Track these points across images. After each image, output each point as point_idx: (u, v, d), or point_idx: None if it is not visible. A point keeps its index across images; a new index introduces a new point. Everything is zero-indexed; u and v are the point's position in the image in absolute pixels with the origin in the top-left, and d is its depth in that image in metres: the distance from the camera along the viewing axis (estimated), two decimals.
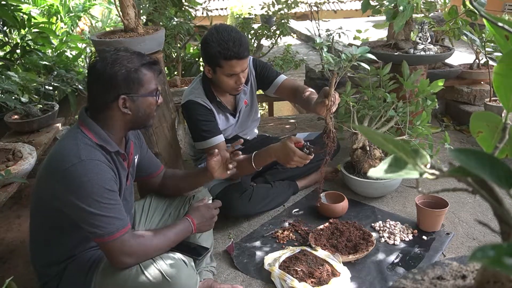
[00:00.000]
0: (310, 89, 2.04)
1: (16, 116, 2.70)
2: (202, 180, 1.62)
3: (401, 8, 2.06)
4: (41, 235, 1.37)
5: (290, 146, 1.69)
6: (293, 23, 4.67)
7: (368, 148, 2.11)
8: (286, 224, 2.03)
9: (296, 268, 1.62)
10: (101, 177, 1.22)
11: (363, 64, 1.63)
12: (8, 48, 3.45)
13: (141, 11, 3.15)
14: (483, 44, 2.78)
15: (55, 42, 3.85)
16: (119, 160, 1.36)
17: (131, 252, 1.24)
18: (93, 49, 3.89)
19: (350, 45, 1.75)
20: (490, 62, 2.92)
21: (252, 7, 5.40)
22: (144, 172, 1.62)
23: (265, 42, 3.74)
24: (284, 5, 3.59)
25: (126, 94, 1.29)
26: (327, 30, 2.72)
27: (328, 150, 1.81)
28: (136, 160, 1.53)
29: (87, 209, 1.20)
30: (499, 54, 2.69)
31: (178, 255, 1.32)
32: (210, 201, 1.57)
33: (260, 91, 2.31)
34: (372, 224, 1.98)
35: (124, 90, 1.28)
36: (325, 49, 1.68)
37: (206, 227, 1.51)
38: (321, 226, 1.90)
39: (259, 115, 2.33)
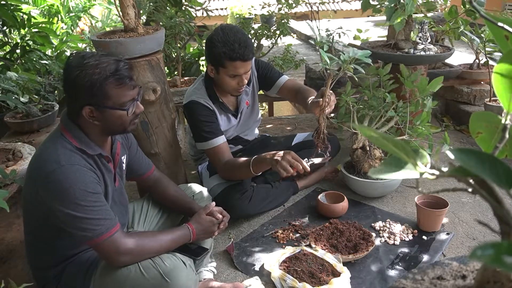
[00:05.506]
0: (311, 89, 2.03)
1: (16, 116, 2.70)
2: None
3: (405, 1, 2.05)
4: (36, 239, 1.36)
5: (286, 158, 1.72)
6: (293, 23, 4.67)
7: (368, 148, 2.11)
8: (286, 224, 2.03)
9: (296, 268, 1.62)
10: (82, 181, 1.20)
11: (359, 68, 1.62)
12: (8, 48, 3.45)
13: (141, 11, 3.15)
14: (483, 44, 2.78)
15: (55, 42, 3.85)
16: (102, 162, 1.33)
17: (126, 250, 1.24)
18: (93, 49, 3.89)
19: (350, 45, 1.75)
20: (490, 62, 2.92)
21: (252, 7, 5.40)
22: (134, 173, 1.60)
23: (265, 42, 3.74)
24: (284, 4, 3.59)
25: (91, 105, 1.23)
26: (327, 30, 2.72)
27: (319, 151, 1.80)
28: (124, 160, 1.50)
29: (73, 214, 1.18)
30: (499, 54, 2.68)
31: (177, 256, 1.32)
32: (213, 204, 1.55)
33: (261, 91, 2.31)
34: (372, 224, 1.98)
35: (88, 101, 1.23)
36: (325, 49, 1.68)
37: (205, 237, 1.52)
38: (321, 226, 1.90)
39: (260, 116, 2.33)
